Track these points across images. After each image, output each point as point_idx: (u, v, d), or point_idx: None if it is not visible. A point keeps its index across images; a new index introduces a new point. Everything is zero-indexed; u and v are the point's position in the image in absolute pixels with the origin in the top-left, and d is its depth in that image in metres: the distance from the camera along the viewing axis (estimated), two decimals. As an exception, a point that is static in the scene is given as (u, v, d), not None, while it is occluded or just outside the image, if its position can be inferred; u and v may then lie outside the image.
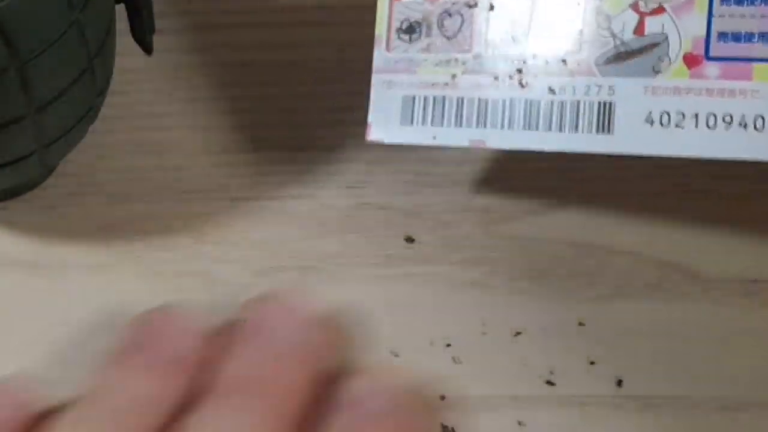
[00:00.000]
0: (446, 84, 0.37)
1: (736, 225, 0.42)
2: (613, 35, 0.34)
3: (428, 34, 0.38)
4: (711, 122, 0.33)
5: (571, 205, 0.43)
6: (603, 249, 0.42)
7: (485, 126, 0.36)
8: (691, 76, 0.33)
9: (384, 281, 0.42)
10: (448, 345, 0.40)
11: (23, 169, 0.39)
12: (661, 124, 0.33)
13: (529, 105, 0.35)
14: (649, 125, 0.34)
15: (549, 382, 0.40)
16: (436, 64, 0.37)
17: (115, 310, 0.41)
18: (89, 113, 0.40)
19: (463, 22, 0.37)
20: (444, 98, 0.37)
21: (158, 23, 0.41)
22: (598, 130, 0.35)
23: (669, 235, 0.42)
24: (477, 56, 0.37)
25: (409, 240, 0.43)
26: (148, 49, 0.41)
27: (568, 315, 0.41)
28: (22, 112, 0.36)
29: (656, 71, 0.34)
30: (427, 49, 0.38)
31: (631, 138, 0.34)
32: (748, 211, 0.43)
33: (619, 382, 0.39)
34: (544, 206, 0.43)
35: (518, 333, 0.40)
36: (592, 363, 0.40)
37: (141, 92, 0.46)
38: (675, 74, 0.33)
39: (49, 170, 0.43)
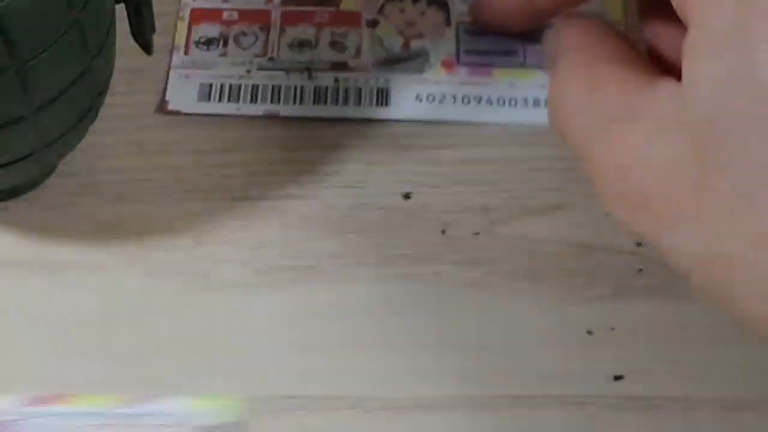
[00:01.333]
0: (241, 76, 0.46)
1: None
2: (385, 48, 0.47)
3: (225, 46, 0.47)
4: (465, 100, 0.46)
5: (571, 205, 0.43)
6: (603, 249, 0.42)
7: (279, 102, 0.46)
8: (448, 74, 0.46)
9: (384, 281, 0.42)
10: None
11: (23, 169, 0.39)
12: (428, 101, 0.46)
13: (318, 89, 0.46)
14: (418, 102, 0.47)
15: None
16: (232, 64, 0.46)
17: (115, 310, 0.41)
18: (89, 113, 0.40)
19: (257, 39, 0.47)
20: (240, 85, 0.46)
21: (158, 23, 0.41)
22: (377, 105, 0.46)
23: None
24: (271, 59, 0.47)
25: (410, 240, 0.43)
26: (148, 49, 0.41)
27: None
28: (22, 112, 0.36)
29: (420, 71, 0.46)
30: (224, 54, 0.47)
31: (403, 109, 0.45)
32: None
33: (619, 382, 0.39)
34: (544, 206, 0.43)
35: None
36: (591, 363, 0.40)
37: (141, 92, 0.46)
38: (435, 73, 0.46)
39: (49, 170, 0.43)
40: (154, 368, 0.39)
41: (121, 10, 0.40)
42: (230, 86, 0.46)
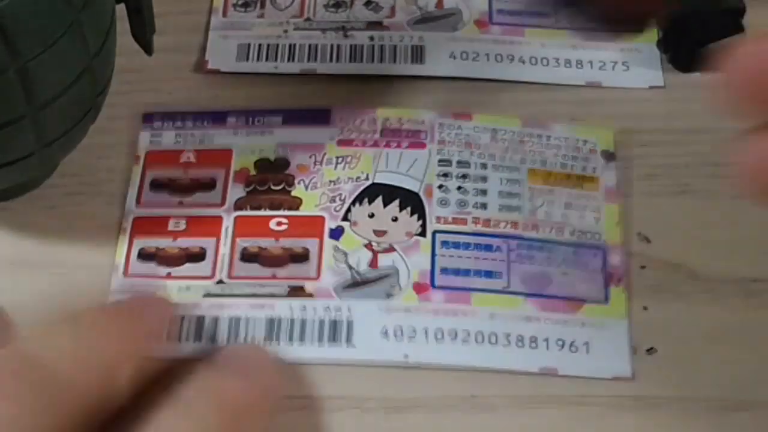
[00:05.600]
0: (279, 36, 0.47)
1: (736, 225, 0.42)
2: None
3: (262, 7, 0.48)
4: (498, 59, 0.41)
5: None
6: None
7: (316, 61, 0.46)
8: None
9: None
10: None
11: (23, 169, 0.39)
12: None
13: (354, 47, 0.46)
14: (452, 59, 0.46)
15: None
16: (269, 25, 0.47)
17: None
18: (89, 113, 0.40)
19: (293, 0, 0.48)
20: (277, 44, 0.46)
21: (158, 23, 0.41)
22: (412, 62, 0.46)
23: (669, 235, 0.42)
24: (307, 19, 0.47)
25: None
26: (148, 49, 0.41)
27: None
28: (23, 112, 0.36)
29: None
30: (261, 15, 0.47)
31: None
32: (748, 211, 0.43)
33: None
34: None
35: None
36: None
37: (141, 92, 0.46)
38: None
39: (49, 170, 0.43)
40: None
41: (121, 10, 0.40)
42: (268, 46, 0.47)
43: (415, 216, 0.42)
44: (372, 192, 0.42)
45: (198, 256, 0.41)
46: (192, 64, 0.47)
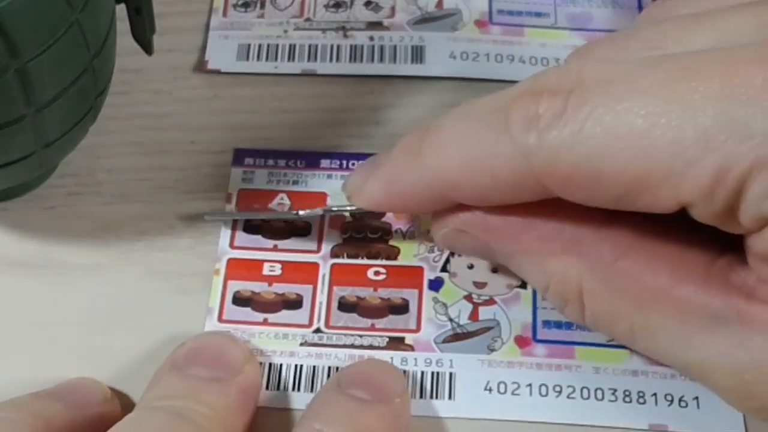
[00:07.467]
0: (279, 36, 0.47)
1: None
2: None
3: (262, 7, 0.48)
4: (498, 59, 0.41)
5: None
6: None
7: (316, 61, 0.46)
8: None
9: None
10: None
11: (23, 169, 0.39)
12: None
13: (354, 48, 0.46)
14: (452, 59, 0.46)
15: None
16: (269, 25, 0.47)
17: (115, 310, 0.41)
18: (89, 113, 0.40)
19: (293, 0, 0.48)
20: (278, 45, 0.46)
21: (158, 23, 0.41)
22: (412, 62, 0.46)
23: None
24: (307, 19, 0.47)
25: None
26: (148, 49, 0.41)
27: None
28: (22, 112, 0.36)
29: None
30: (261, 15, 0.48)
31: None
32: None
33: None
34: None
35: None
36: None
37: (141, 92, 0.46)
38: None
39: (49, 170, 0.43)
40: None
41: (121, 10, 0.40)
42: (268, 46, 0.47)
43: None
44: None
45: (295, 303, 0.40)
46: (192, 64, 0.47)
